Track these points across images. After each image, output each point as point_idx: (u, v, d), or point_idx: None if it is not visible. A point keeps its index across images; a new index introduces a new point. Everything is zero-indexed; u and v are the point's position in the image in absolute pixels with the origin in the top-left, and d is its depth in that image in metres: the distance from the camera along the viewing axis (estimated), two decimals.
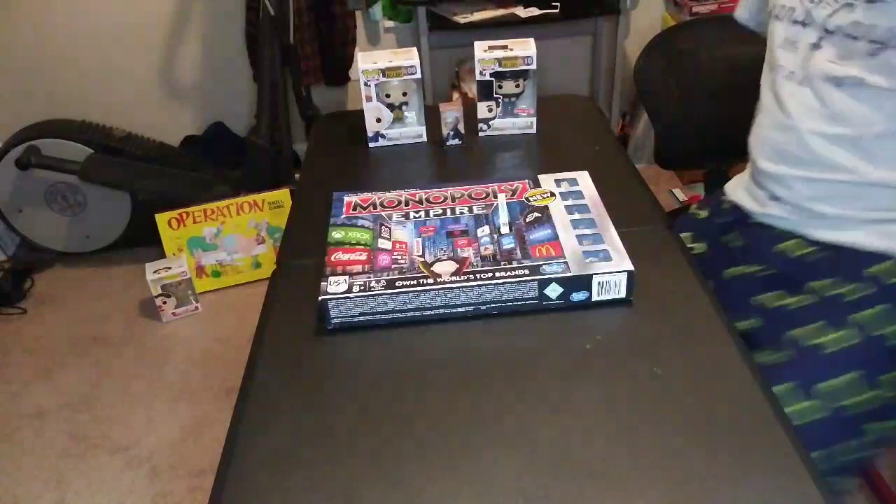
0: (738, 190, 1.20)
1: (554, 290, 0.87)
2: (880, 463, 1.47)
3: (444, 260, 0.91)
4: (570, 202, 1.01)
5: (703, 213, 1.27)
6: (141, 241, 2.40)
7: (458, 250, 0.93)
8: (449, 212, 1.01)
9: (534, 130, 1.31)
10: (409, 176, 1.23)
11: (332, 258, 0.93)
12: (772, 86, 1.09)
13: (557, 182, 1.06)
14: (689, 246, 1.18)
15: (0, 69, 2.53)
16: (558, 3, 2.44)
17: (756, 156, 1.13)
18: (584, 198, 1.02)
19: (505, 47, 1.24)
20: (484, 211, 1.00)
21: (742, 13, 1.29)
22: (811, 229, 1.06)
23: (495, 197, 1.03)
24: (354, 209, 1.03)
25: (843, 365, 0.94)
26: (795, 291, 1.04)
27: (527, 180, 1.06)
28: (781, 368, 0.97)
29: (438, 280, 0.87)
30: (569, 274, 0.86)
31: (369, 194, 1.07)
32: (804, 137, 1.02)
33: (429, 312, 0.87)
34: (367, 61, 1.24)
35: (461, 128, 1.29)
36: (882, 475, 1.44)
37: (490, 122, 1.31)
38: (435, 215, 1.01)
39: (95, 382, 2.00)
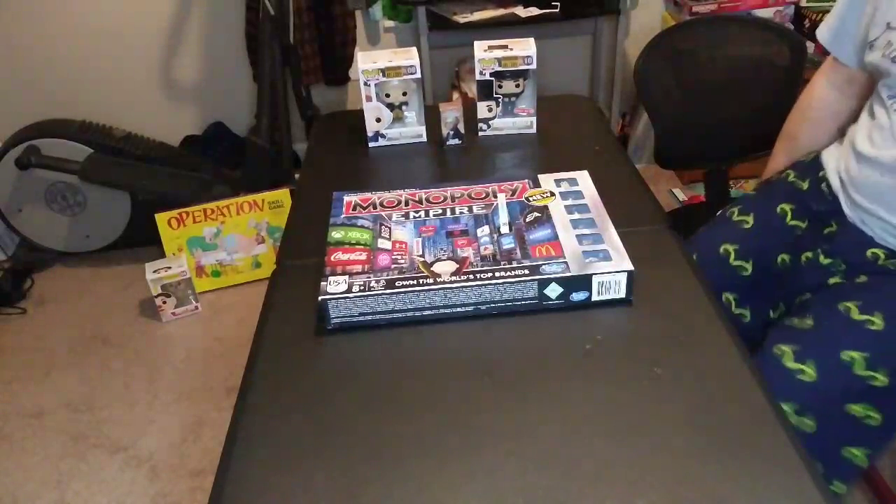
0: (838, 183, 1.12)
1: (554, 290, 0.87)
2: (880, 463, 1.47)
3: (444, 260, 0.91)
4: (569, 202, 1.01)
5: (804, 185, 1.18)
6: (141, 241, 2.41)
7: (458, 250, 0.93)
8: (449, 212, 1.01)
9: (534, 130, 1.31)
10: (409, 176, 1.23)
11: (332, 258, 0.93)
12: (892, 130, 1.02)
13: (557, 182, 1.06)
14: (791, 223, 1.15)
15: (0, 69, 2.53)
16: (558, 3, 2.44)
17: (852, 188, 1.06)
18: (583, 198, 1.01)
19: (505, 47, 1.24)
20: (484, 211, 1.00)
21: (824, 34, 1.18)
22: None
23: (495, 197, 1.03)
24: (354, 209, 1.03)
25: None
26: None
27: (527, 180, 1.06)
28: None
29: (438, 280, 0.87)
30: (569, 274, 0.86)
31: (369, 194, 1.07)
32: None
33: (429, 312, 0.87)
34: (367, 61, 1.24)
35: (461, 128, 1.29)
36: (882, 475, 1.44)
37: (490, 122, 1.31)
38: (435, 215, 1.01)
39: (95, 382, 2.00)
